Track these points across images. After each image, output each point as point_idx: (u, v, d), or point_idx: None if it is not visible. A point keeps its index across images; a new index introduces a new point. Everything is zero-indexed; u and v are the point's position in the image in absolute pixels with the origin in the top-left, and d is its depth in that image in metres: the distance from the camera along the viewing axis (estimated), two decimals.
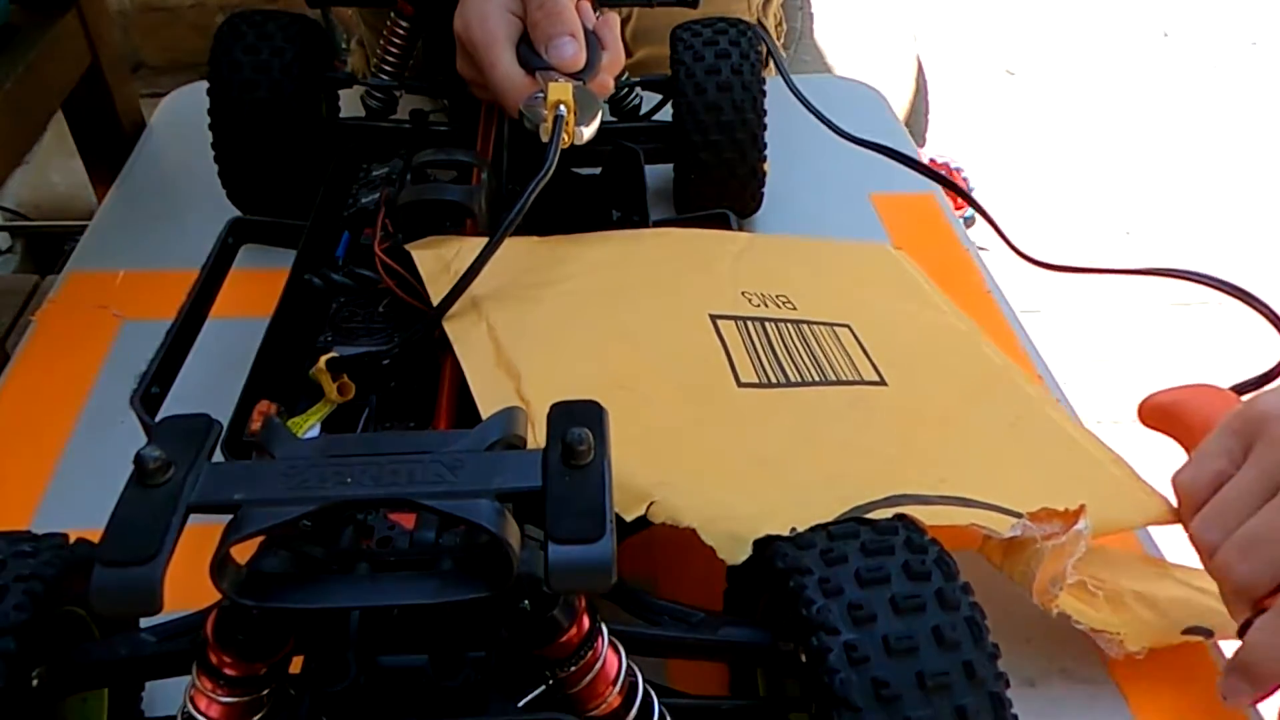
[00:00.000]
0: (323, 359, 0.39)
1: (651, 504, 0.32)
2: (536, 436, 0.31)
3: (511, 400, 0.33)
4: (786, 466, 0.38)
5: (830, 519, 0.33)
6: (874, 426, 0.41)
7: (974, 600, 0.30)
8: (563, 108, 0.42)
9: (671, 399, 0.38)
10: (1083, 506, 0.37)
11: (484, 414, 0.32)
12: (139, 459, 0.24)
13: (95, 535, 0.25)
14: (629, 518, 0.32)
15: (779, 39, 0.92)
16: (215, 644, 0.26)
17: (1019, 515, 0.37)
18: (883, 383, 0.44)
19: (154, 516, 0.23)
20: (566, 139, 0.42)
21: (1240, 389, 0.45)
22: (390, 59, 0.63)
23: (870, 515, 0.34)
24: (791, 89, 0.62)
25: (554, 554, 0.23)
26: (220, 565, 0.24)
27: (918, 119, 2.34)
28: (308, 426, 0.39)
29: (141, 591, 0.22)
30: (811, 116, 0.64)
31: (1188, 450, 0.43)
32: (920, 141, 2.27)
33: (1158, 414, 0.45)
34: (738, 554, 0.32)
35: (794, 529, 0.33)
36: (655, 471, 0.33)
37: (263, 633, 0.26)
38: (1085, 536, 0.37)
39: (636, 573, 0.46)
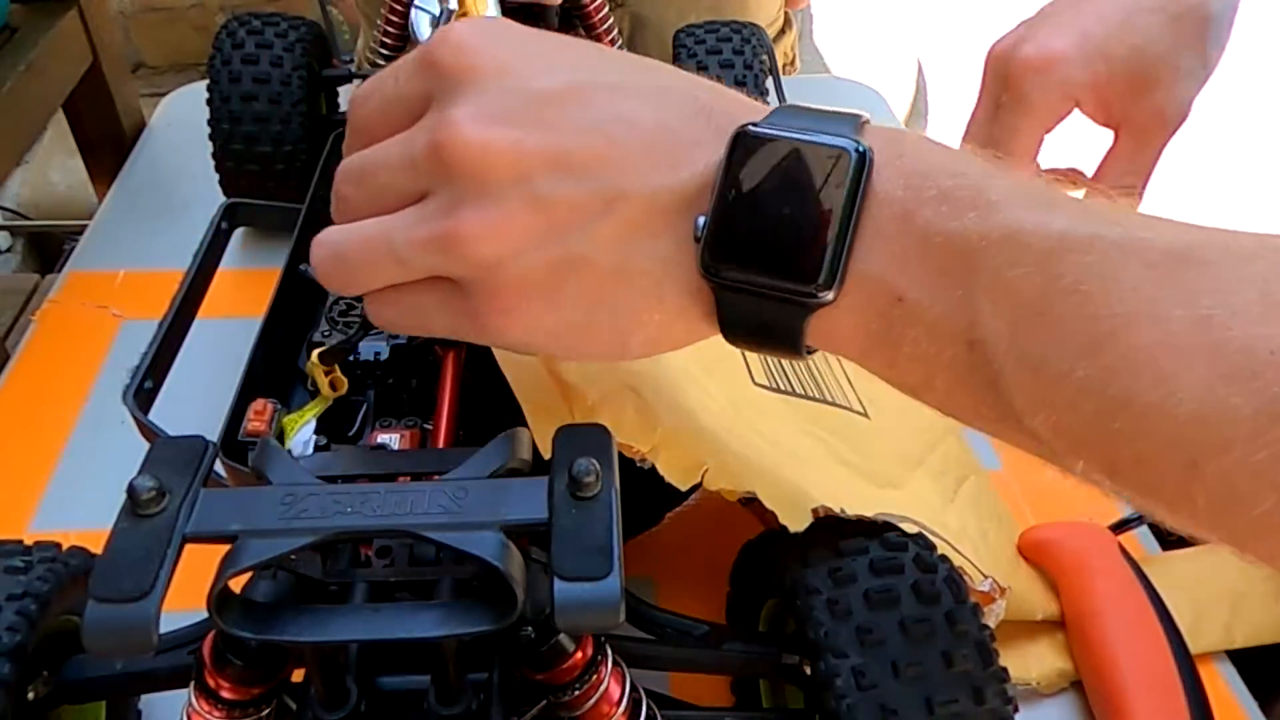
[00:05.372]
0: (315, 353, 0.39)
1: (706, 470, 0.32)
2: (575, 414, 0.31)
3: (550, 393, 0.33)
4: (810, 464, 0.38)
5: (870, 514, 0.33)
6: (862, 453, 0.42)
7: (984, 623, 0.30)
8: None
9: (706, 384, 0.38)
10: (1006, 589, 0.39)
11: (521, 401, 0.32)
12: (132, 489, 0.23)
13: (95, 536, 0.25)
14: (684, 487, 0.32)
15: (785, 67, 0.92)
16: (212, 668, 0.26)
17: (984, 575, 0.38)
18: (865, 415, 0.45)
19: (148, 550, 0.23)
20: None
21: (1118, 528, 0.46)
22: (388, 41, 0.63)
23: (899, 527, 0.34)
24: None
25: (560, 592, 0.23)
26: (218, 598, 0.23)
27: (918, 120, 2.34)
28: (303, 423, 0.38)
29: (136, 630, 0.22)
30: None
31: (1060, 586, 0.44)
32: None
33: (1034, 549, 0.45)
34: (799, 520, 0.32)
35: (843, 509, 0.32)
36: (705, 445, 0.33)
37: (260, 659, 0.26)
38: (997, 615, 0.39)
39: (637, 575, 0.46)
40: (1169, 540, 0.49)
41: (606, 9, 0.64)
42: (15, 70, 0.62)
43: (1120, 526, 0.46)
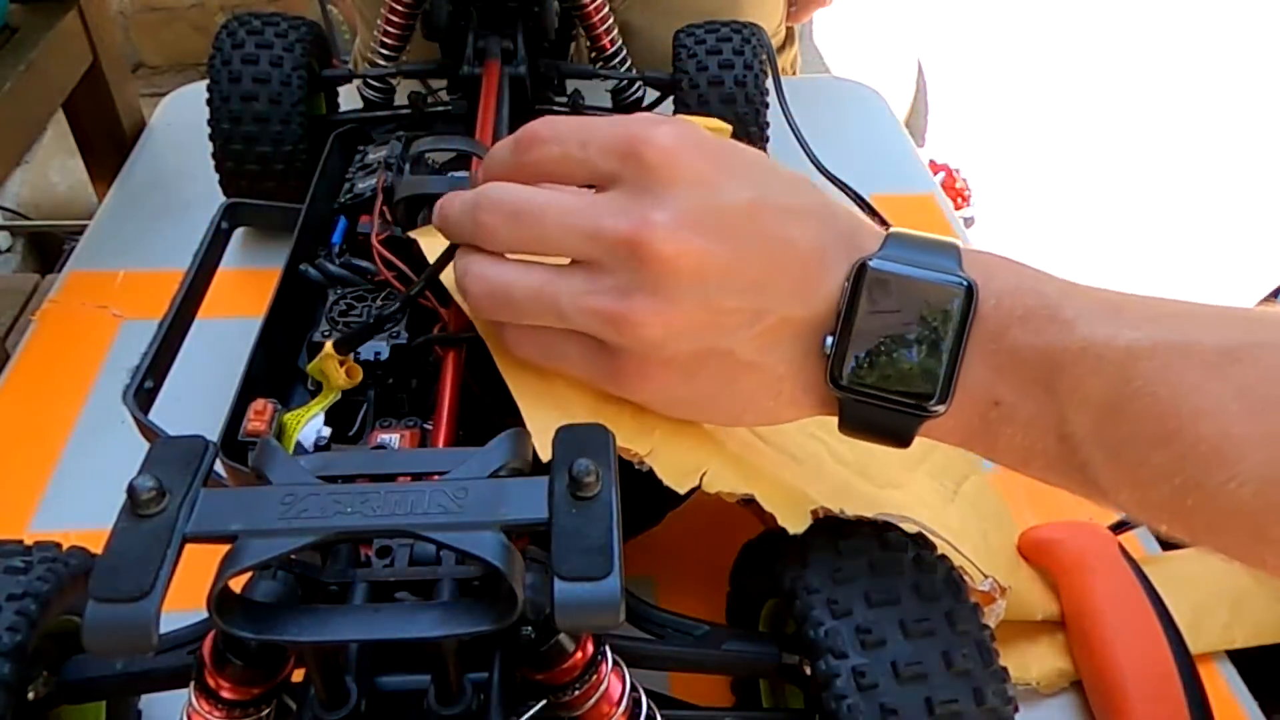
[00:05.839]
0: (329, 343, 0.39)
1: (705, 474, 0.32)
2: (573, 416, 0.31)
3: (548, 395, 0.33)
4: (809, 465, 0.38)
5: (870, 515, 0.33)
6: (861, 453, 0.42)
7: (984, 623, 0.30)
8: None
9: None
10: (1006, 588, 0.39)
11: (520, 402, 0.32)
12: (131, 489, 0.23)
13: (95, 536, 0.25)
14: (682, 491, 0.32)
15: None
16: (212, 668, 0.26)
17: (985, 575, 0.38)
18: None
19: (148, 550, 0.23)
20: None
21: (1118, 528, 0.46)
22: (388, 40, 0.63)
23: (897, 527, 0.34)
24: (790, 123, 0.62)
25: (560, 592, 0.23)
26: (218, 597, 0.23)
27: (918, 120, 2.34)
28: (308, 418, 0.38)
29: (136, 630, 0.22)
30: (811, 116, 0.64)
31: (1060, 586, 0.44)
32: (920, 142, 2.27)
33: (1034, 549, 0.46)
34: (798, 522, 0.32)
35: (843, 510, 0.32)
36: (703, 450, 0.33)
37: (260, 659, 0.26)
38: (997, 615, 0.39)
39: (637, 575, 0.46)
40: (1169, 540, 0.49)
41: (606, 9, 0.64)
42: (15, 70, 0.62)
43: (1120, 526, 0.46)
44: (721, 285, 0.29)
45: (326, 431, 0.38)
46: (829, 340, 0.29)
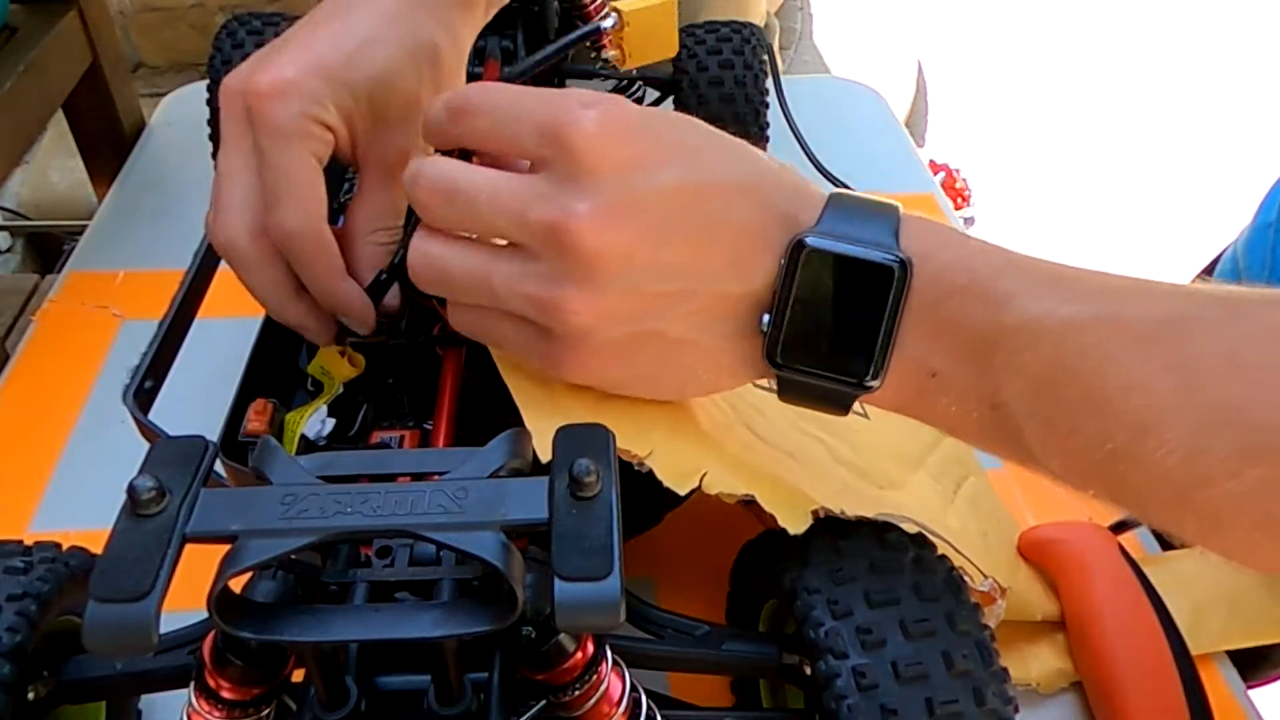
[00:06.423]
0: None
1: (704, 475, 0.32)
2: (573, 417, 0.31)
3: (548, 395, 0.33)
4: (809, 465, 0.38)
5: (870, 515, 0.33)
6: (862, 453, 0.42)
7: (985, 623, 0.30)
8: None
9: None
10: (1006, 589, 0.39)
11: (520, 403, 0.32)
12: (132, 489, 0.23)
13: (95, 536, 0.25)
14: (682, 492, 0.32)
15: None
16: (212, 668, 0.26)
17: (985, 575, 0.38)
18: (865, 416, 0.45)
19: (148, 550, 0.23)
20: None
21: (1118, 528, 0.46)
22: None
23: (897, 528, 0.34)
24: (790, 123, 0.62)
25: (561, 592, 0.23)
26: (218, 598, 0.23)
27: (918, 120, 2.34)
28: (310, 412, 0.38)
29: (136, 630, 0.22)
30: (811, 116, 0.64)
31: (1060, 586, 0.44)
32: (920, 142, 2.27)
33: (1034, 549, 0.45)
34: (799, 522, 0.32)
35: (843, 510, 0.33)
36: (702, 451, 0.33)
37: (260, 659, 0.26)
38: (997, 615, 0.39)
39: (637, 575, 0.46)
40: (1169, 541, 0.49)
41: (606, 8, 0.64)
42: (15, 70, 0.62)
43: (1120, 527, 0.46)
44: (649, 271, 0.29)
45: (331, 423, 0.38)
46: (765, 318, 0.30)
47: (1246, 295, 0.27)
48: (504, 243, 0.31)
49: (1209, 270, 0.69)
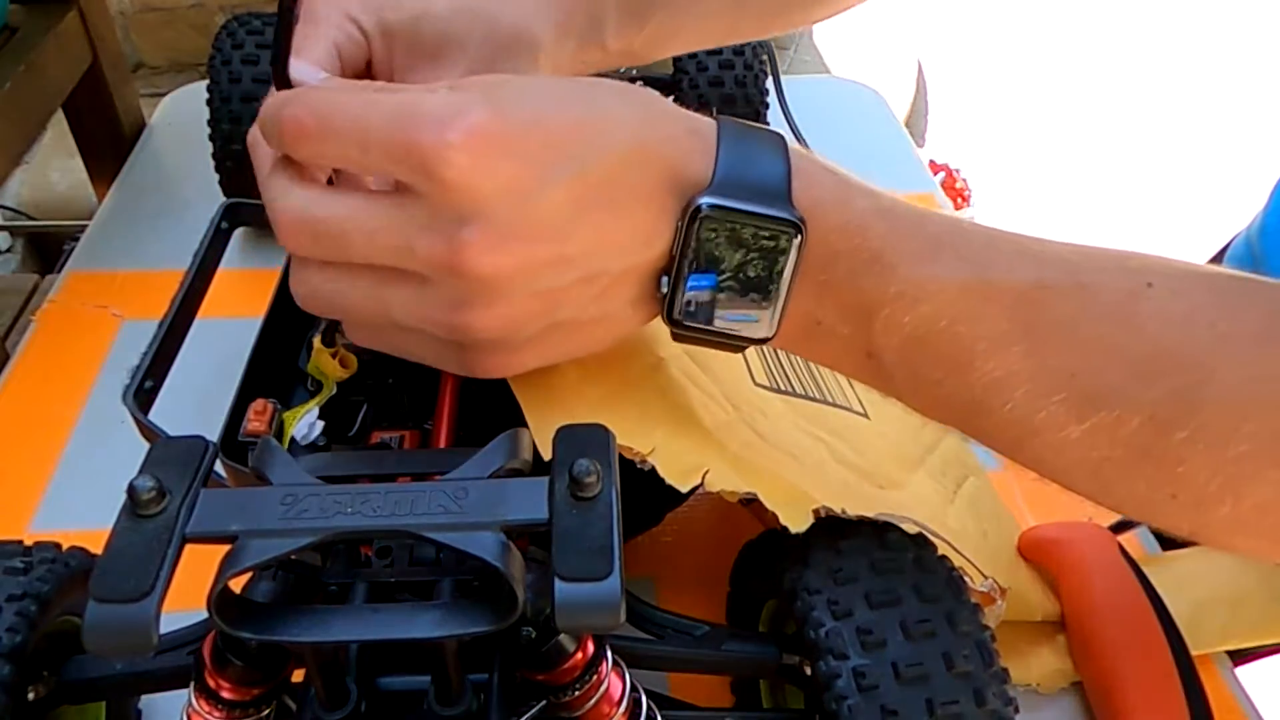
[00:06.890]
0: (316, 337, 0.39)
1: (706, 473, 0.32)
2: (575, 415, 0.31)
3: (549, 395, 0.33)
4: (810, 464, 0.38)
5: (871, 514, 0.33)
6: (863, 453, 0.42)
7: (985, 624, 0.30)
8: None
9: (707, 385, 0.38)
10: (1006, 589, 0.39)
11: (521, 401, 0.32)
12: (132, 489, 0.23)
13: (95, 536, 0.25)
14: (684, 489, 0.32)
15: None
16: (212, 668, 0.26)
17: (985, 576, 0.38)
18: (865, 416, 0.45)
19: (148, 550, 0.23)
20: None
21: (1118, 528, 0.46)
22: None
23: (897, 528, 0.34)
24: (790, 123, 0.62)
25: (561, 592, 0.23)
26: (218, 598, 0.23)
27: (918, 120, 2.34)
28: (304, 412, 0.38)
29: (136, 630, 0.22)
30: (811, 116, 0.64)
31: (1060, 586, 0.44)
32: (920, 142, 2.27)
33: (1034, 549, 0.45)
34: (800, 521, 0.32)
35: (844, 510, 0.33)
36: (704, 449, 0.33)
37: (260, 659, 0.26)
38: (997, 616, 0.39)
39: (637, 575, 0.46)
40: (1169, 540, 0.49)
41: None
42: (15, 70, 0.62)
43: (1120, 527, 0.46)
44: (552, 270, 0.28)
45: (320, 425, 0.38)
46: (664, 280, 0.30)
47: (1092, 262, 0.30)
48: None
49: (1218, 258, 0.69)
